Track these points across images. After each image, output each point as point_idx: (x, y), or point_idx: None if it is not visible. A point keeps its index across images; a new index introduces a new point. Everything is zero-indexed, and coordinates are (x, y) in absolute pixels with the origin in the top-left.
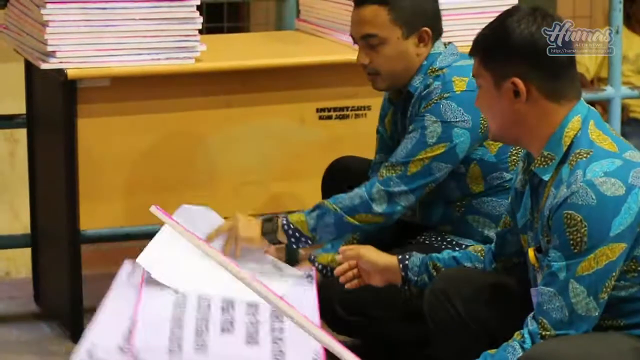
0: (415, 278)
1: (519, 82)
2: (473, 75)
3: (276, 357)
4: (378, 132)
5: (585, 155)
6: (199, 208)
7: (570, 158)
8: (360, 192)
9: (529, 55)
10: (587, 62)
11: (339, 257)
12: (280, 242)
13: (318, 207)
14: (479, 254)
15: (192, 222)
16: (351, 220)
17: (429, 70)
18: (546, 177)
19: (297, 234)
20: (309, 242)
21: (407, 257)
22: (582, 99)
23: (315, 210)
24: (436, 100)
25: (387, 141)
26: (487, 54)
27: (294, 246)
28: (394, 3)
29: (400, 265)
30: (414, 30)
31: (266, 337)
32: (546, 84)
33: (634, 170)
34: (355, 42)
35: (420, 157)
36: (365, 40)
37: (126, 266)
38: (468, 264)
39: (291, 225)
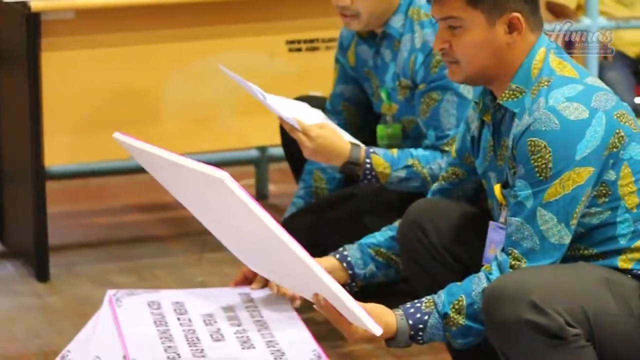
0: (363, 272)
1: (519, 17)
2: (446, 17)
3: (277, 357)
4: (337, 61)
5: (546, 83)
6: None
7: (533, 87)
8: None
9: None
10: None
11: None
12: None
13: (408, 168)
14: None
15: (287, 105)
16: None
17: (411, 10)
18: (517, 110)
19: (373, 178)
20: (378, 184)
21: (345, 253)
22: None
23: (405, 169)
24: None
25: (349, 72)
26: None
27: (363, 182)
28: None
29: (344, 264)
30: None
31: (260, 341)
32: (532, 16)
33: (596, 94)
34: None
35: None
36: None
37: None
38: None
39: (373, 172)
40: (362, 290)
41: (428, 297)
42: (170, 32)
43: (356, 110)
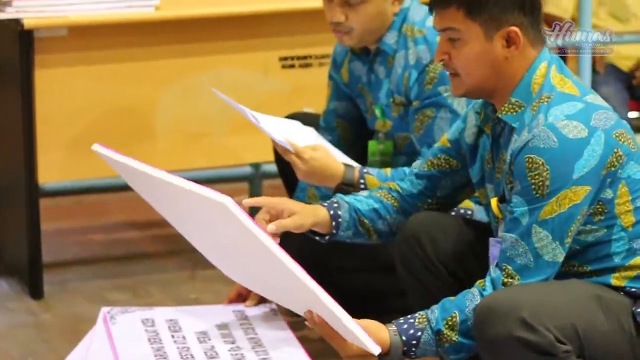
0: (343, 233)
1: (517, 31)
2: (445, 29)
3: None
4: (331, 78)
5: (546, 99)
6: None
7: (533, 103)
8: None
9: (522, 3)
10: (565, 4)
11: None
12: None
13: None
14: (387, 200)
15: (280, 125)
16: None
17: (404, 27)
18: (516, 124)
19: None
20: None
21: (339, 212)
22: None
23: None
24: None
25: (343, 88)
26: (476, 4)
27: None
28: None
29: (333, 223)
30: None
31: (254, 359)
32: (531, 30)
33: (596, 113)
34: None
35: None
36: None
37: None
38: (390, 216)
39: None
40: (353, 307)
41: (421, 312)
42: (163, 49)
43: (350, 126)
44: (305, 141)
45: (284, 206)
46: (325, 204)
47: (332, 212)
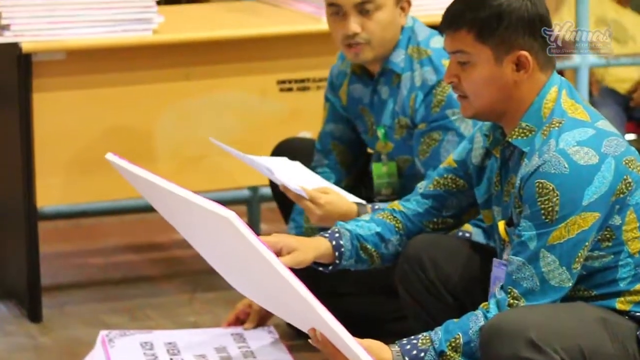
0: (345, 262)
1: (527, 55)
2: (455, 51)
3: None
4: (327, 100)
5: (557, 124)
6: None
7: (544, 128)
8: None
9: (532, 27)
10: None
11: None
12: None
13: None
14: (390, 221)
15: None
16: None
17: (410, 49)
18: (527, 149)
19: None
20: None
21: (341, 242)
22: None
23: None
24: None
25: (340, 111)
26: (486, 28)
27: None
28: None
29: (336, 253)
30: None
31: None
32: (542, 54)
33: (607, 139)
34: (336, 12)
35: None
36: (360, 7)
37: (100, 336)
38: (394, 238)
39: None
40: (353, 330)
41: (425, 333)
42: (161, 72)
43: (346, 149)
44: (311, 184)
45: (282, 243)
46: (327, 235)
47: (334, 242)
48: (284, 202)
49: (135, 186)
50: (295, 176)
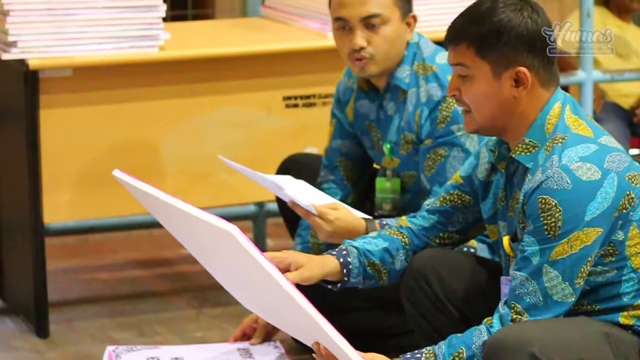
0: (354, 280)
1: (525, 71)
2: (456, 64)
3: None
4: (334, 116)
5: (560, 140)
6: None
7: (547, 144)
8: None
9: (532, 44)
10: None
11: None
12: None
13: None
14: (397, 236)
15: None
16: None
17: (415, 65)
18: (530, 165)
19: None
20: None
21: (348, 260)
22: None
23: None
24: None
25: (346, 127)
26: (485, 43)
27: None
28: None
29: (344, 270)
30: (406, 12)
31: None
32: (543, 71)
33: (610, 155)
34: (342, 26)
35: None
36: (366, 21)
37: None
38: (401, 252)
39: None
40: (358, 345)
41: (428, 347)
42: (168, 89)
43: (352, 165)
44: (311, 199)
45: (290, 259)
46: (335, 252)
47: (342, 260)
48: (291, 217)
49: (142, 202)
50: (303, 193)
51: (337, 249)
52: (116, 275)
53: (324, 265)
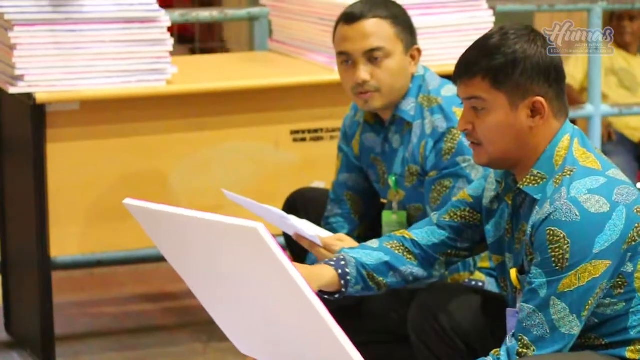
0: (352, 290)
1: (542, 101)
2: (470, 97)
3: None
4: (341, 150)
5: (569, 173)
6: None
7: (556, 177)
8: None
9: (547, 74)
10: (572, 70)
11: None
12: None
13: None
14: (399, 251)
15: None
16: None
17: (421, 97)
18: (538, 196)
19: None
20: None
21: (347, 270)
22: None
23: None
24: None
25: (353, 161)
26: (501, 74)
27: None
28: (395, 17)
29: (342, 281)
30: (410, 46)
31: None
32: (556, 101)
33: (618, 188)
34: (346, 60)
35: None
36: (369, 55)
37: None
38: (404, 268)
39: None
40: None
41: None
42: (175, 123)
43: (359, 198)
44: (317, 231)
45: None
46: (332, 262)
47: (340, 270)
48: (298, 253)
49: (150, 232)
50: (307, 226)
51: (334, 259)
52: (123, 309)
53: (321, 276)
